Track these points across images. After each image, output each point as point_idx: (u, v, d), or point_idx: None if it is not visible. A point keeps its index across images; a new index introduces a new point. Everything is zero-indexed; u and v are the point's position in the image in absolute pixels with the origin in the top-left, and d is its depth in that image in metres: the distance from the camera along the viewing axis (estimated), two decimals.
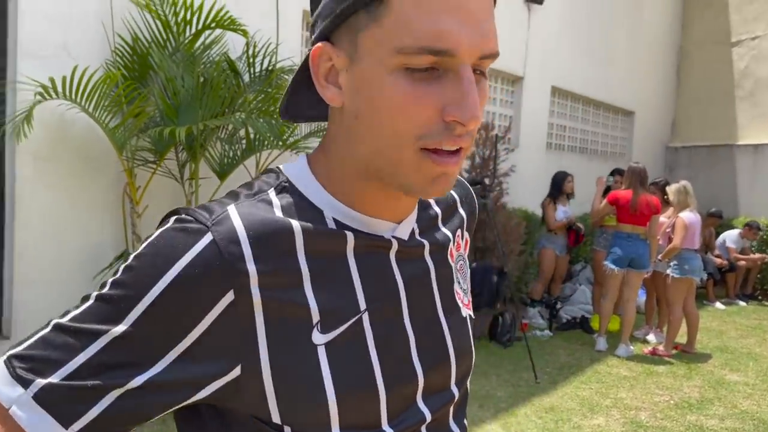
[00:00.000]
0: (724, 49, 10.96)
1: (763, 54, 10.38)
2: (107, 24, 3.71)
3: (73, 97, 3.31)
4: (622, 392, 4.82)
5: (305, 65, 0.70)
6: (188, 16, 3.75)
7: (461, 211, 0.88)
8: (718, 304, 8.39)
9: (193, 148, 3.72)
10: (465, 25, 0.58)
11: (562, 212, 6.70)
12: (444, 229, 0.82)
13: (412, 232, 0.76)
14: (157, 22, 3.77)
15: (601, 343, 5.94)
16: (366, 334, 0.68)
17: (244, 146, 3.99)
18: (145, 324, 0.60)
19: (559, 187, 6.72)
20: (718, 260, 8.71)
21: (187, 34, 3.82)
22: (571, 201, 6.97)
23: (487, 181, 5.81)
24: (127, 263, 0.63)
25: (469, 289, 0.88)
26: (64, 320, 0.62)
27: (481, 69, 0.64)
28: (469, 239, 0.91)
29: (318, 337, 0.65)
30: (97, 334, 0.60)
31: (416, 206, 0.77)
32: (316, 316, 0.65)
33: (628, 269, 5.80)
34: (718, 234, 9.43)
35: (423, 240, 0.77)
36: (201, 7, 3.72)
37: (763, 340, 6.65)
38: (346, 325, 0.67)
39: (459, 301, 0.82)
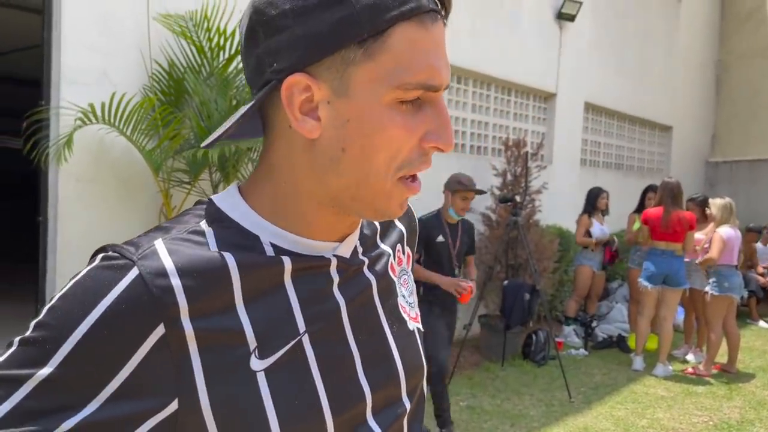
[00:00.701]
0: (764, 63, 10.74)
1: None
2: (145, 51, 3.87)
3: (113, 121, 3.46)
4: (659, 413, 4.71)
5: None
6: (222, 42, 3.88)
7: (399, 226, 0.89)
8: (762, 323, 8.13)
9: (226, 168, 3.83)
10: (443, 61, 0.65)
11: (599, 229, 6.61)
12: (383, 245, 0.83)
13: (355, 250, 0.76)
14: (192, 48, 3.91)
15: (638, 363, 5.82)
16: (308, 357, 0.67)
17: None
18: (73, 364, 0.58)
19: (594, 203, 6.65)
20: (762, 278, 8.46)
21: (221, 59, 3.95)
22: (606, 217, 6.89)
23: (518, 198, 5.79)
24: (50, 304, 0.61)
25: (416, 302, 0.88)
26: None
27: None
28: (411, 254, 0.91)
29: (256, 364, 0.64)
30: (22, 380, 0.58)
31: (359, 225, 0.77)
32: (253, 342, 0.64)
33: (663, 286, 5.69)
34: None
35: (363, 258, 0.77)
36: (234, 33, 3.85)
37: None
38: (285, 349, 0.65)
39: (405, 315, 0.82)
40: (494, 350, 5.77)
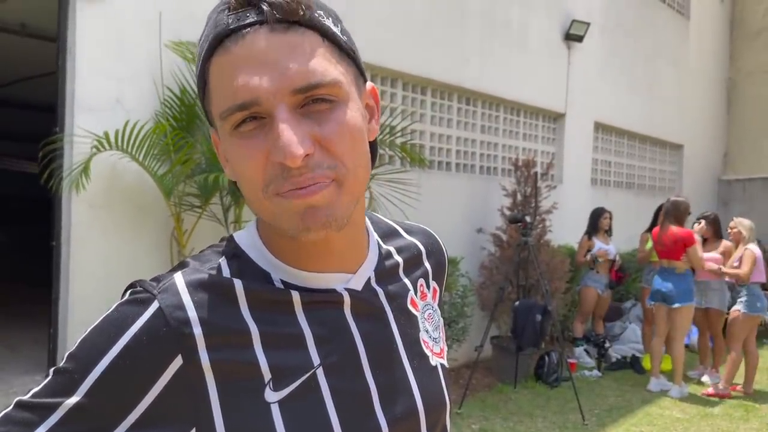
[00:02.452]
0: None
1: None
2: (157, 78, 3.94)
3: (126, 147, 3.52)
4: None
5: None
6: None
7: (426, 264, 0.88)
8: None
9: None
10: (260, 73, 0.61)
11: (603, 250, 6.59)
12: (404, 279, 0.82)
13: (368, 281, 0.76)
14: None
15: (653, 384, 5.75)
16: (322, 390, 0.67)
17: None
18: (97, 394, 0.61)
19: (596, 224, 6.65)
20: None
21: None
22: (614, 237, 6.86)
23: (528, 218, 5.79)
24: (82, 337, 0.65)
25: (442, 338, 0.87)
26: (26, 397, 0.64)
27: (323, 98, 0.63)
28: (438, 289, 0.90)
29: (270, 395, 0.65)
30: (53, 408, 0.61)
31: (372, 252, 0.78)
32: (267, 374, 0.65)
33: (662, 304, 5.65)
34: None
35: (378, 287, 0.76)
36: None
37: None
38: (299, 382, 0.66)
39: (427, 350, 0.81)
40: (507, 372, 5.73)
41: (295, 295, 0.69)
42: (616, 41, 8.52)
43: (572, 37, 7.47)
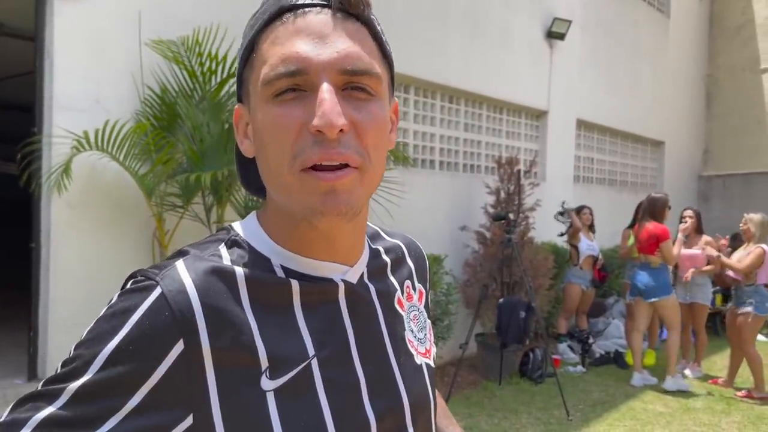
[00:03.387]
0: (753, 77, 10.86)
1: None
2: (137, 77, 3.90)
3: (106, 147, 3.48)
4: (657, 429, 4.69)
5: None
6: (213, 67, 3.92)
7: (409, 262, 0.91)
8: (760, 337, 8.11)
9: (219, 192, 3.84)
10: (316, 46, 0.64)
11: (586, 246, 6.65)
12: (392, 278, 0.84)
13: (361, 276, 0.78)
14: (184, 73, 3.94)
15: (636, 379, 5.80)
16: (316, 381, 0.69)
17: None
18: (101, 379, 0.62)
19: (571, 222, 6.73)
20: None
21: (213, 83, 3.98)
22: (600, 234, 6.91)
23: (512, 216, 5.81)
24: (88, 328, 0.66)
25: (428, 338, 0.89)
26: (40, 384, 0.66)
27: (362, 87, 0.66)
28: (423, 291, 0.92)
29: (266, 383, 0.66)
30: (58, 393, 0.63)
31: (365, 249, 0.80)
32: (264, 363, 0.66)
33: (640, 298, 5.73)
34: None
35: (370, 284, 0.79)
36: (225, 57, 3.88)
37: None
38: (294, 371, 0.68)
39: (412, 349, 0.83)
40: (491, 369, 5.75)
41: (295, 285, 0.70)
42: (597, 39, 8.58)
43: (554, 35, 7.51)
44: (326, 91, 0.63)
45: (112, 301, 0.66)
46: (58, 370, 0.65)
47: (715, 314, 8.37)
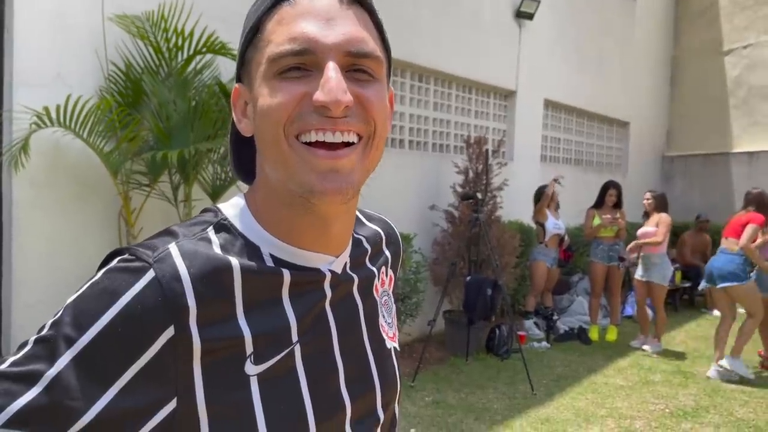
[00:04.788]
0: (716, 58, 11.06)
1: (755, 62, 10.48)
2: (100, 52, 3.81)
3: (68, 124, 3.40)
4: (618, 402, 4.85)
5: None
6: (180, 42, 3.85)
7: (386, 251, 0.93)
8: (716, 312, 8.39)
9: (186, 170, 3.80)
10: (322, 27, 0.65)
11: (553, 224, 6.77)
12: (370, 266, 0.86)
13: (345, 266, 0.79)
14: (150, 48, 3.87)
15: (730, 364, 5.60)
16: (297, 367, 0.70)
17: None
18: (85, 362, 0.60)
19: (540, 197, 6.84)
20: None
21: (179, 59, 3.92)
22: (565, 213, 7.04)
23: (480, 195, 5.88)
24: (67, 303, 0.64)
25: (395, 322, 0.92)
26: (4, 366, 0.62)
27: (365, 69, 0.68)
28: (393, 277, 0.95)
29: (251, 368, 0.67)
30: (36, 376, 0.60)
31: (351, 240, 0.81)
32: (249, 348, 0.67)
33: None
34: (715, 242, 9.45)
35: (353, 274, 0.80)
36: (192, 33, 3.82)
37: (760, 348, 6.65)
38: (278, 357, 0.69)
39: (384, 334, 0.86)
40: (459, 345, 5.85)
41: (286, 275, 0.71)
42: (565, 20, 8.64)
43: (523, 14, 7.54)
44: (332, 69, 0.64)
45: (97, 278, 0.65)
46: (31, 348, 0.63)
47: (675, 291, 8.63)
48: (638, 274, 6.42)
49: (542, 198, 6.78)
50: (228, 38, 3.92)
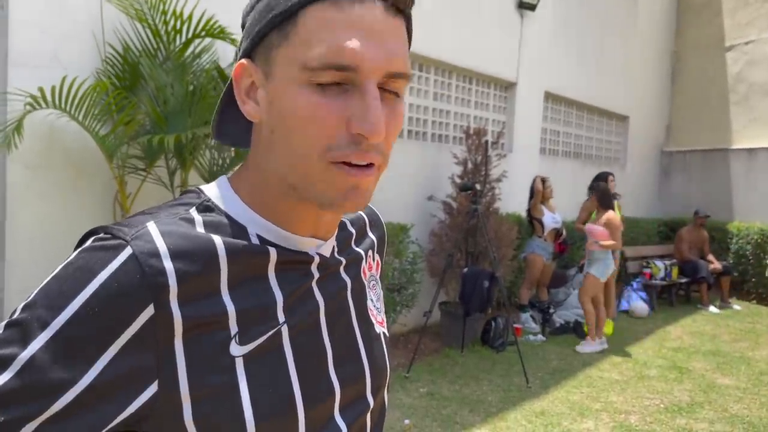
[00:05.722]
0: (718, 54, 11.02)
1: (756, 58, 10.44)
2: (98, 34, 3.76)
3: (63, 106, 3.35)
4: (613, 396, 4.85)
5: (231, 85, 0.73)
6: (178, 26, 3.79)
7: (370, 234, 0.92)
8: (712, 308, 8.41)
9: (183, 155, 3.76)
10: (368, 43, 0.61)
11: (550, 218, 6.76)
12: (357, 249, 0.85)
13: (333, 250, 0.78)
14: (148, 31, 3.81)
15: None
16: (285, 348, 0.69)
17: (233, 154, 4.03)
18: (60, 345, 0.58)
19: (533, 191, 6.83)
20: (712, 265, 8.74)
21: (178, 43, 3.86)
22: (561, 206, 7.02)
23: (478, 186, 5.84)
24: (41, 285, 0.62)
25: (382, 309, 0.91)
26: None
27: (394, 90, 0.66)
28: (380, 262, 0.94)
29: (236, 349, 0.65)
30: (7, 361, 0.58)
31: (337, 225, 0.79)
32: (234, 328, 0.65)
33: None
34: (713, 239, 9.46)
35: (341, 258, 0.79)
36: (191, 16, 3.76)
37: (756, 344, 6.67)
38: (264, 337, 0.67)
39: (372, 318, 0.85)
40: (454, 337, 5.84)
41: (273, 253, 0.69)
42: (568, 11, 8.58)
43: (525, 5, 7.48)
44: (374, 96, 0.62)
45: (71, 259, 0.62)
46: (2, 333, 0.60)
47: (671, 286, 8.64)
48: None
49: (534, 195, 6.77)
50: (227, 22, 3.87)
